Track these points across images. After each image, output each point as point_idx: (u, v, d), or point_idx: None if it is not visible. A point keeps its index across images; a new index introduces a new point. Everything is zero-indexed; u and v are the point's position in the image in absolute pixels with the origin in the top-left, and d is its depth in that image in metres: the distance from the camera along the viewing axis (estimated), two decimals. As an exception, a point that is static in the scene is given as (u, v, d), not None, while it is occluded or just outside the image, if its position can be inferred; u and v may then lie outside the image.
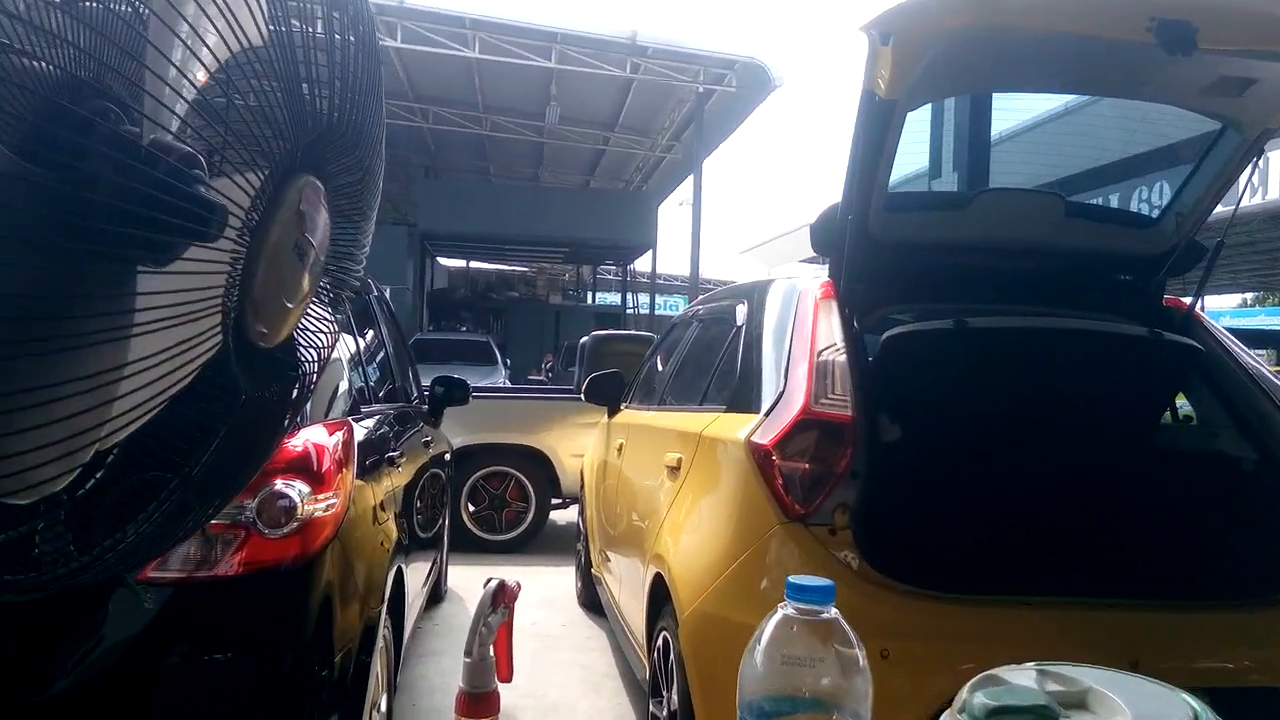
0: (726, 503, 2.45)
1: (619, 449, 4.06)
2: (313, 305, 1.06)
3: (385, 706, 2.86)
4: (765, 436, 2.31)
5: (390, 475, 3.17)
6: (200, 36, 0.73)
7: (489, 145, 21.71)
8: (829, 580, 0.79)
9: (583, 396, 4.81)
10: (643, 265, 25.86)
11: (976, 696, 0.73)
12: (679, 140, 20.18)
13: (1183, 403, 3.10)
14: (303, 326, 1.00)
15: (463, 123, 19.73)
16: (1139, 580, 2.33)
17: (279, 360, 0.96)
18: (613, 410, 4.61)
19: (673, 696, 2.52)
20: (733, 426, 2.52)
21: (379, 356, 4.05)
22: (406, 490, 3.46)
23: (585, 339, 9.58)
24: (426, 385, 4.97)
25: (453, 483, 5.60)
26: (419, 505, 3.79)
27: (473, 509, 6.67)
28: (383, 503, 2.95)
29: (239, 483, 1.03)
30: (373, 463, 2.94)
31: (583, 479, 5.35)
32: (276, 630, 2.20)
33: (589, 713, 3.62)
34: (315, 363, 1.04)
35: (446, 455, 5.21)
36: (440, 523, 4.70)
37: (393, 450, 3.31)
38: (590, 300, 30.54)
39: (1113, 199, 12.44)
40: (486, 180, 25.04)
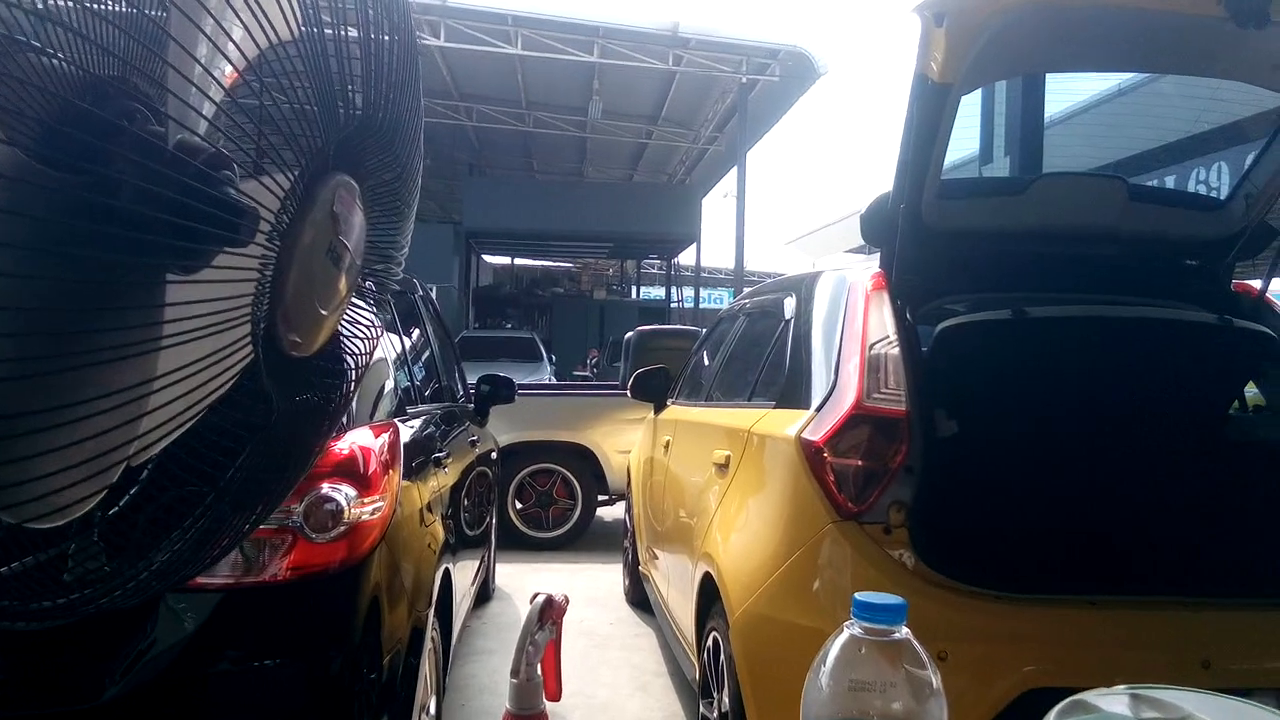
0: (777, 501, 2.39)
1: (666, 445, 4.02)
2: (351, 309, 1.02)
3: (434, 708, 2.85)
4: (816, 433, 2.25)
5: (437, 476, 3.16)
6: (226, 32, 0.69)
7: (532, 141, 21.76)
8: (899, 598, 0.73)
9: (628, 393, 4.77)
10: (687, 259, 25.74)
11: (1062, 725, 0.67)
12: (722, 132, 20.03)
13: (1253, 391, 2.97)
14: (341, 332, 0.97)
15: (506, 119, 19.79)
16: (1207, 578, 2.23)
17: (315, 368, 0.93)
18: (659, 406, 4.57)
19: (724, 698, 2.48)
20: (782, 423, 2.46)
21: (424, 356, 4.05)
22: (453, 491, 3.45)
23: (630, 334, 9.53)
24: (472, 383, 4.97)
25: (499, 481, 5.59)
26: (466, 505, 3.78)
27: (519, 506, 6.68)
28: (429, 504, 2.94)
29: (278, 494, 1.00)
30: (419, 464, 2.93)
31: (629, 475, 5.32)
32: (324, 634, 2.20)
33: (638, 713, 3.59)
34: (354, 371, 1.00)
35: (493, 454, 5.20)
36: (487, 521, 4.69)
37: (439, 451, 3.30)
38: (635, 295, 30.51)
39: (1169, 181, 12.10)
40: (530, 176, 25.10)
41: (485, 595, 5.01)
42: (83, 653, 1.92)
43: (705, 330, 5.16)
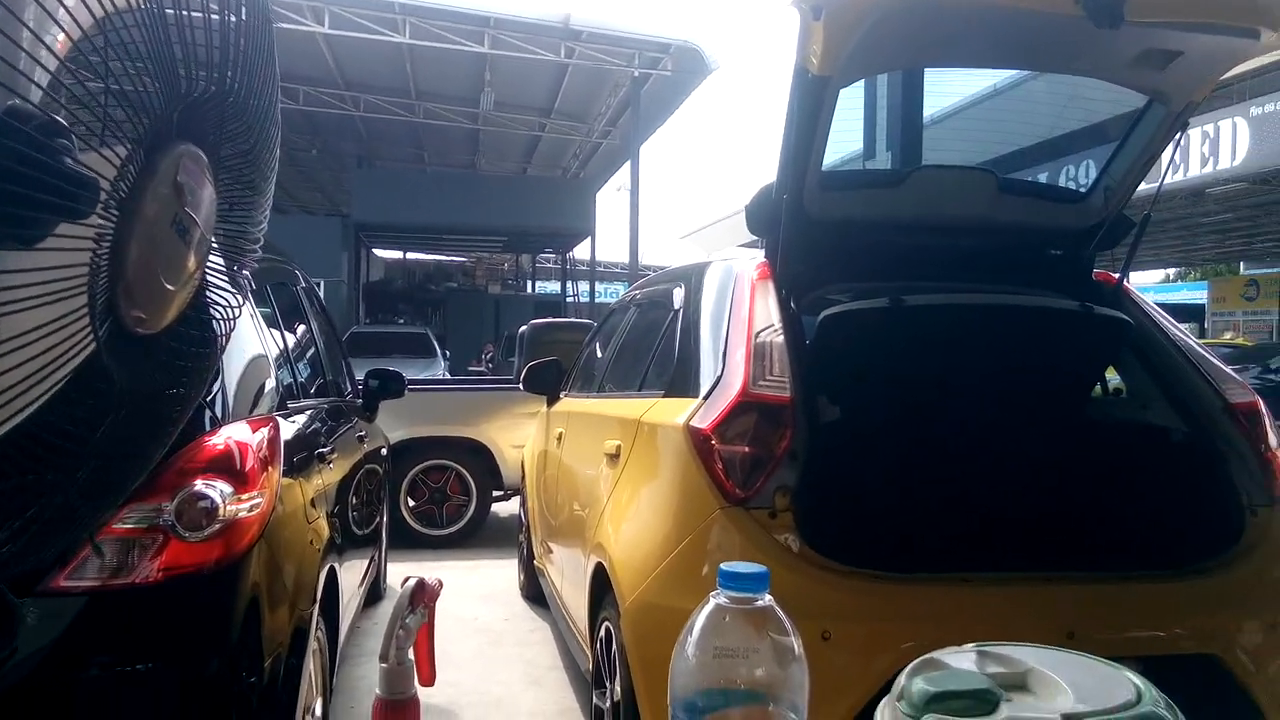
0: (667, 489, 2.41)
1: (559, 438, 4.00)
2: (209, 286, 0.98)
3: (320, 710, 2.77)
4: (704, 420, 2.27)
5: (321, 472, 3.07)
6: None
7: (423, 132, 21.37)
8: (762, 566, 0.74)
9: (521, 386, 4.73)
10: (582, 253, 25.74)
11: (915, 682, 0.69)
12: (616, 126, 20.08)
13: (1113, 376, 3.14)
14: (195, 311, 0.92)
15: (396, 110, 19.38)
16: (1074, 553, 2.35)
17: (167, 347, 0.88)
18: (552, 399, 4.55)
19: (615, 688, 2.49)
20: (671, 411, 2.48)
21: (308, 350, 3.93)
22: (339, 487, 3.36)
23: (524, 328, 9.46)
24: (361, 378, 4.85)
25: (390, 478, 5.48)
26: (353, 502, 3.69)
27: (412, 504, 6.55)
28: (313, 501, 2.86)
29: (131, 478, 0.94)
30: (301, 460, 2.84)
31: (524, 470, 5.28)
32: (200, 637, 2.12)
33: (531, 707, 3.57)
34: (210, 351, 0.96)
35: (383, 450, 5.09)
36: (377, 519, 4.59)
37: (324, 446, 3.21)
38: (530, 289, 30.37)
39: (1042, 178, 12.69)
40: (422, 169, 24.65)
41: (376, 595, 4.89)
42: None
43: (598, 323, 5.16)
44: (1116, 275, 2.91)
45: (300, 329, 3.85)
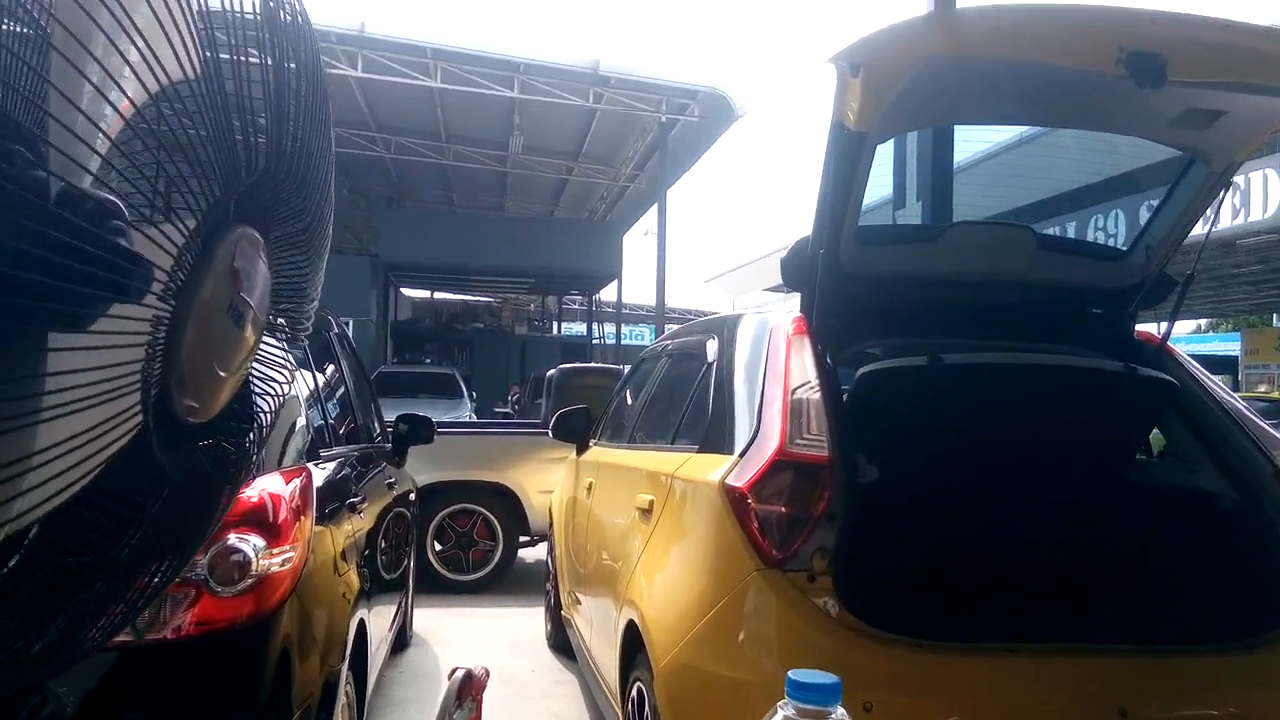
0: (701, 547, 2.36)
1: (588, 488, 3.97)
2: (259, 363, 0.96)
3: (347, 764, 2.73)
4: (740, 479, 2.23)
5: (352, 521, 3.05)
6: (110, 74, 0.64)
7: (452, 175, 21.60)
8: (833, 676, 0.71)
9: (550, 433, 4.71)
10: (608, 295, 25.80)
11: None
12: (643, 170, 20.20)
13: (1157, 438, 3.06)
14: (246, 389, 0.91)
15: (426, 152, 19.62)
16: (1122, 624, 2.27)
17: (215, 428, 0.86)
18: (581, 447, 4.52)
19: (648, 750, 2.43)
20: (706, 468, 2.44)
21: (338, 395, 3.93)
22: (369, 536, 3.34)
23: (552, 371, 9.44)
24: (390, 421, 4.84)
25: (417, 523, 5.45)
26: (382, 549, 3.66)
27: (439, 548, 6.51)
28: (344, 551, 2.84)
29: (175, 565, 0.92)
30: (333, 509, 2.82)
31: (551, 517, 5.23)
32: (231, 693, 2.10)
33: (560, 763, 3.50)
34: (259, 430, 0.94)
35: (411, 495, 5.07)
36: (405, 565, 4.56)
37: (354, 495, 3.20)
38: (556, 330, 30.42)
39: (1069, 228, 12.61)
40: (450, 210, 24.89)
41: (403, 642, 4.85)
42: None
43: (628, 370, 5.14)
44: (1159, 334, 2.85)
45: (331, 373, 3.86)
